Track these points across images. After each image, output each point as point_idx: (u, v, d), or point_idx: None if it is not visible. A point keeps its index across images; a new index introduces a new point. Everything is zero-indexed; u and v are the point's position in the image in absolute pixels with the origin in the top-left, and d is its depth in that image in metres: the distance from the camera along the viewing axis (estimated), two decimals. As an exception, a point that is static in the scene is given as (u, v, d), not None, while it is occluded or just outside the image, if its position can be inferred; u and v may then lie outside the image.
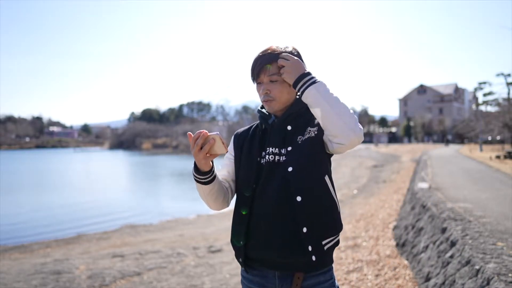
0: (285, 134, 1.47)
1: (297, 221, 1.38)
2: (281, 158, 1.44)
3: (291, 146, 1.44)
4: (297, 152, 1.42)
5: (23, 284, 5.17)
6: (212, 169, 1.44)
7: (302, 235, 1.38)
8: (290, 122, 1.48)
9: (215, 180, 1.47)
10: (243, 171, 1.53)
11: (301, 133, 1.45)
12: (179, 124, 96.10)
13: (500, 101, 44.94)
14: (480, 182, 8.83)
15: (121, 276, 5.36)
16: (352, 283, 3.96)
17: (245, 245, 1.48)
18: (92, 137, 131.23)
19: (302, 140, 1.43)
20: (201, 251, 6.86)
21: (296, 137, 1.45)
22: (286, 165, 1.41)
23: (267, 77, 1.45)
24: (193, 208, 13.33)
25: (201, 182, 1.44)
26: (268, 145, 1.48)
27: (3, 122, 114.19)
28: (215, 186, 1.48)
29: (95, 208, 14.05)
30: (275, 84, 1.45)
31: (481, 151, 27.34)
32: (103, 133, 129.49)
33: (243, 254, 1.48)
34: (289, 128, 1.47)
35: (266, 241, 1.41)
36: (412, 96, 76.10)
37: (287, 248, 1.38)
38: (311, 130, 1.44)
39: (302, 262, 1.39)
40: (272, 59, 1.43)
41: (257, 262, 1.47)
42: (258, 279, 1.48)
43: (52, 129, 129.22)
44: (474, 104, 61.55)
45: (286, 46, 1.47)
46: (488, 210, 5.06)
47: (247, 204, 1.48)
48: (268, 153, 1.47)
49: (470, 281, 2.66)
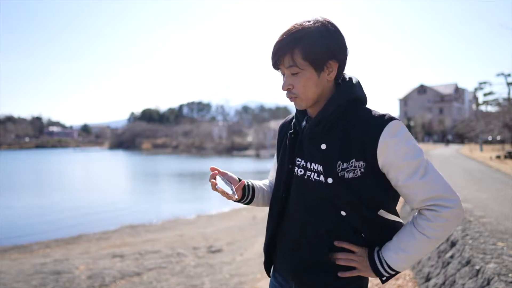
0: (318, 151, 1.18)
1: (328, 247, 1.20)
2: (314, 175, 1.20)
3: (332, 179, 1.14)
4: (344, 190, 1.14)
5: (23, 284, 5.17)
6: (245, 195, 1.34)
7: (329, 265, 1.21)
8: (323, 137, 1.17)
9: (255, 197, 1.37)
10: (276, 178, 1.36)
11: (340, 158, 1.13)
12: (179, 124, 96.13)
13: (500, 101, 45.02)
14: (480, 182, 8.82)
15: (121, 276, 5.36)
16: (352, 283, 3.95)
17: (269, 256, 1.39)
18: (92, 137, 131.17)
19: (346, 175, 1.13)
20: (201, 251, 6.86)
21: (334, 163, 1.14)
22: (335, 203, 1.16)
23: (287, 69, 1.16)
24: (193, 208, 13.33)
25: (242, 203, 1.37)
26: (299, 155, 1.25)
27: (3, 122, 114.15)
28: (258, 201, 1.39)
29: (95, 208, 14.03)
30: (297, 77, 1.15)
31: (481, 151, 27.36)
32: (103, 133, 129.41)
33: (266, 263, 1.41)
34: (323, 147, 1.16)
35: (288, 258, 1.28)
36: (412, 96, 76.08)
37: (305, 269, 1.24)
38: (357, 166, 1.12)
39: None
40: (289, 46, 1.13)
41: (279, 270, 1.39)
42: (279, 281, 1.38)
43: (52, 129, 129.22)
44: (474, 104, 61.61)
45: (315, 20, 1.15)
46: (488, 210, 5.06)
47: (276, 216, 1.33)
48: (301, 166, 1.24)
49: (470, 281, 2.65)
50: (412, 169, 1.09)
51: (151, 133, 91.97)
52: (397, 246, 1.14)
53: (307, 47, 1.12)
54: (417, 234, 1.12)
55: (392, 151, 1.09)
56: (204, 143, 76.46)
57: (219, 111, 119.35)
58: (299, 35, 1.12)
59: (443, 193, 1.09)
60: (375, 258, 1.17)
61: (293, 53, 1.13)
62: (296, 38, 1.12)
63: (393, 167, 1.10)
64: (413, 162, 1.09)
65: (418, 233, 1.12)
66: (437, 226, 1.10)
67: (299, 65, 1.13)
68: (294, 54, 1.13)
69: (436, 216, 1.09)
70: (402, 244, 1.14)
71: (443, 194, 1.09)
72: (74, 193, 18.86)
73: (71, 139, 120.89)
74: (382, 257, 1.16)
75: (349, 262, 1.17)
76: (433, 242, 1.12)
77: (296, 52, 1.12)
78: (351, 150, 1.13)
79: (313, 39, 1.12)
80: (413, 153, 1.10)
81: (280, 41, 1.15)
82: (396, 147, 1.09)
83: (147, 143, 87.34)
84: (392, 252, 1.15)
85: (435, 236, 1.11)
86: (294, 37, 1.13)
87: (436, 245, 1.14)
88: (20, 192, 19.42)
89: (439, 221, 1.09)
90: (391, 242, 1.17)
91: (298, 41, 1.12)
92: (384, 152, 1.09)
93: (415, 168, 1.09)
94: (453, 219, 1.10)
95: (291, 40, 1.13)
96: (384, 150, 1.09)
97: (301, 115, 1.27)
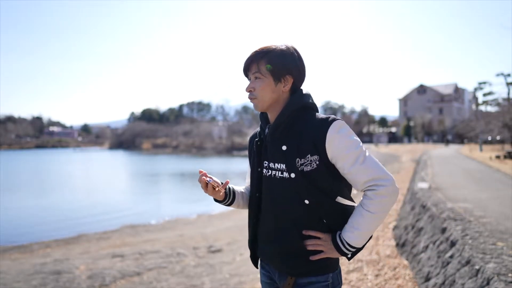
0: (281, 153, 1.41)
1: (298, 237, 1.43)
2: (278, 173, 1.42)
3: (294, 173, 1.37)
4: (304, 182, 1.37)
5: (23, 284, 5.17)
6: (227, 197, 1.56)
7: (301, 248, 1.44)
8: (284, 139, 1.41)
9: (236, 199, 1.59)
10: (250, 180, 1.58)
11: (297, 154, 1.37)
12: (179, 124, 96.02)
13: (500, 101, 45.03)
14: (480, 182, 8.83)
15: (121, 276, 5.36)
16: (352, 283, 3.95)
17: (254, 249, 1.61)
18: (92, 137, 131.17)
19: (304, 169, 1.37)
20: (201, 251, 6.86)
21: (293, 160, 1.38)
22: (299, 194, 1.38)
23: (253, 75, 1.44)
24: (193, 208, 13.34)
25: (224, 205, 1.60)
26: (265, 158, 1.47)
27: (3, 122, 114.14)
28: (239, 202, 1.61)
29: (95, 208, 14.04)
30: (258, 82, 1.42)
31: (481, 151, 27.35)
32: (103, 133, 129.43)
33: (252, 256, 1.63)
34: (283, 148, 1.40)
35: (267, 250, 1.52)
36: (412, 96, 76.09)
37: (281, 256, 1.47)
38: (312, 160, 1.36)
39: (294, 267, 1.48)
40: (257, 58, 1.42)
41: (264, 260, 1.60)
42: (266, 271, 1.59)
43: (52, 129, 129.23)
44: (474, 104, 61.61)
45: (282, 44, 1.44)
46: (488, 210, 5.06)
47: (254, 213, 1.56)
48: (267, 167, 1.46)
49: (470, 281, 2.66)
50: (354, 157, 1.34)
51: (151, 133, 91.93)
52: (352, 226, 1.37)
53: (269, 60, 1.41)
54: (364, 212, 1.35)
55: (337, 144, 1.34)
56: (204, 143, 76.47)
57: (219, 111, 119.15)
58: (266, 51, 1.42)
59: (379, 175, 1.34)
60: (337, 241, 1.38)
61: (259, 63, 1.41)
62: (263, 53, 1.41)
63: (340, 158, 1.35)
64: (354, 152, 1.34)
65: (365, 211, 1.35)
66: (378, 203, 1.33)
67: (262, 73, 1.41)
68: (260, 64, 1.41)
69: (375, 194, 1.33)
70: (355, 223, 1.36)
71: (380, 175, 1.34)
72: (74, 193, 18.88)
73: (71, 139, 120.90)
74: (343, 238, 1.38)
75: (317, 247, 1.40)
76: (378, 216, 1.35)
77: (261, 62, 1.41)
78: (306, 148, 1.36)
79: (276, 56, 1.41)
80: (354, 145, 1.35)
81: (252, 54, 1.44)
82: (340, 141, 1.34)
83: (147, 143, 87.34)
84: (349, 232, 1.37)
85: (377, 211, 1.34)
86: (262, 51, 1.42)
87: (380, 219, 1.37)
88: (20, 192, 19.43)
89: (378, 198, 1.33)
90: (347, 224, 1.39)
91: (264, 55, 1.41)
92: (331, 145, 1.34)
93: (356, 157, 1.34)
94: (389, 195, 1.33)
95: (259, 53, 1.42)
96: (331, 144, 1.34)
97: (264, 124, 1.51)
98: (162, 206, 14.91)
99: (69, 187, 21.84)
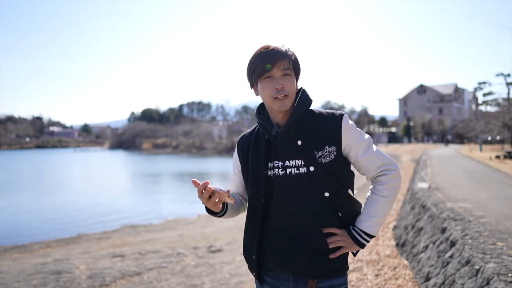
0: (296, 148, 1.40)
1: (320, 235, 1.40)
2: (294, 170, 1.40)
3: (313, 166, 1.38)
4: (324, 174, 1.38)
5: (23, 284, 5.18)
6: (224, 208, 1.47)
7: (323, 248, 1.41)
8: (298, 135, 1.42)
9: (228, 210, 1.50)
10: (252, 186, 1.49)
11: (314, 147, 1.39)
12: (179, 124, 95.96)
13: (500, 101, 45.02)
14: (479, 182, 8.83)
15: (121, 276, 5.37)
16: (352, 283, 3.96)
17: (258, 260, 1.49)
18: (92, 137, 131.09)
19: (323, 161, 1.39)
20: (201, 251, 6.86)
21: (312, 153, 1.39)
22: (318, 188, 1.39)
23: (281, 71, 1.39)
24: (193, 208, 13.33)
25: (216, 216, 1.50)
26: (275, 158, 1.43)
27: (3, 122, 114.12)
28: (229, 212, 1.52)
29: (95, 208, 14.04)
30: (289, 80, 1.40)
31: (481, 151, 27.35)
32: (103, 133, 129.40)
33: (256, 268, 1.50)
34: (299, 143, 1.40)
35: (285, 254, 1.43)
36: (412, 96, 76.08)
37: (306, 258, 1.41)
38: (330, 151, 1.40)
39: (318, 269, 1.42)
40: (286, 54, 1.41)
41: (272, 269, 1.49)
42: (271, 281, 1.49)
43: (52, 129, 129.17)
44: (474, 104, 61.62)
45: (282, 45, 1.44)
46: (488, 210, 5.06)
47: (258, 220, 1.47)
48: (278, 167, 1.42)
49: (470, 281, 2.66)
50: (366, 145, 1.44)
51: (151, 133, 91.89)
52: (367, 214, 1.43)
53: (293, 60, 1.44)
54: (379, 198, 1.43)
55: (352, 134, 1.43)
56: (204, 143, 76.45)
57: (219, 111, 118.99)
58: (291, 50, 1.44)
59: (389, 160, 1.45)
60: (354, 234, 1.42)
61: (289, 59, 1.41)
62: (288, 51, 1.42)
63: (353, 146, 1.43)
64: (366, 141, 1.44)
65: (380, 197, 1.43)
66: (390, 186, 1.43)
67: (292, 70, 1.42)
68: (289, 61, 1.41)
69: (388, 179, 1.43)
70: (371, 211, 1.43)
71: (389, 161, 1.45)
72: (74, 193, 18.88)
73: (72, 139, 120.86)
74: (359, 229, 1.42)
75: (337, 243, 1.41)
76: (391, 201, 1.44)
77: (288, 60, 1.41)
78: (323, 139, 1.41)
79: (296, 56, 1.46)
80: (363, 135, 1.46)
81: (278, 49, 1.41)
82: (353, 131, 1.44)
83: (147, 143, 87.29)
84: (365, 221, 1.42)
85: (390, 194, 1.43)
86: (286, 49, 1.42)
87: (392, 204, 1.45)
88: (20, 192, 19.43)
89: (390, 182, 1.43)
90: (361, 215, 1.45)
91: (292, 53, 1.44)
92: (347, 135, 1.42)
93: (368, 145, 1.44)
94: (397, 179, 1.44)
95: (286, 51, 1.42)
96: (347, 134, 1.42)
97: (268, 124, 1.47)
98: (162, 206, 14.90)
99: (69, 187, 21.84)
